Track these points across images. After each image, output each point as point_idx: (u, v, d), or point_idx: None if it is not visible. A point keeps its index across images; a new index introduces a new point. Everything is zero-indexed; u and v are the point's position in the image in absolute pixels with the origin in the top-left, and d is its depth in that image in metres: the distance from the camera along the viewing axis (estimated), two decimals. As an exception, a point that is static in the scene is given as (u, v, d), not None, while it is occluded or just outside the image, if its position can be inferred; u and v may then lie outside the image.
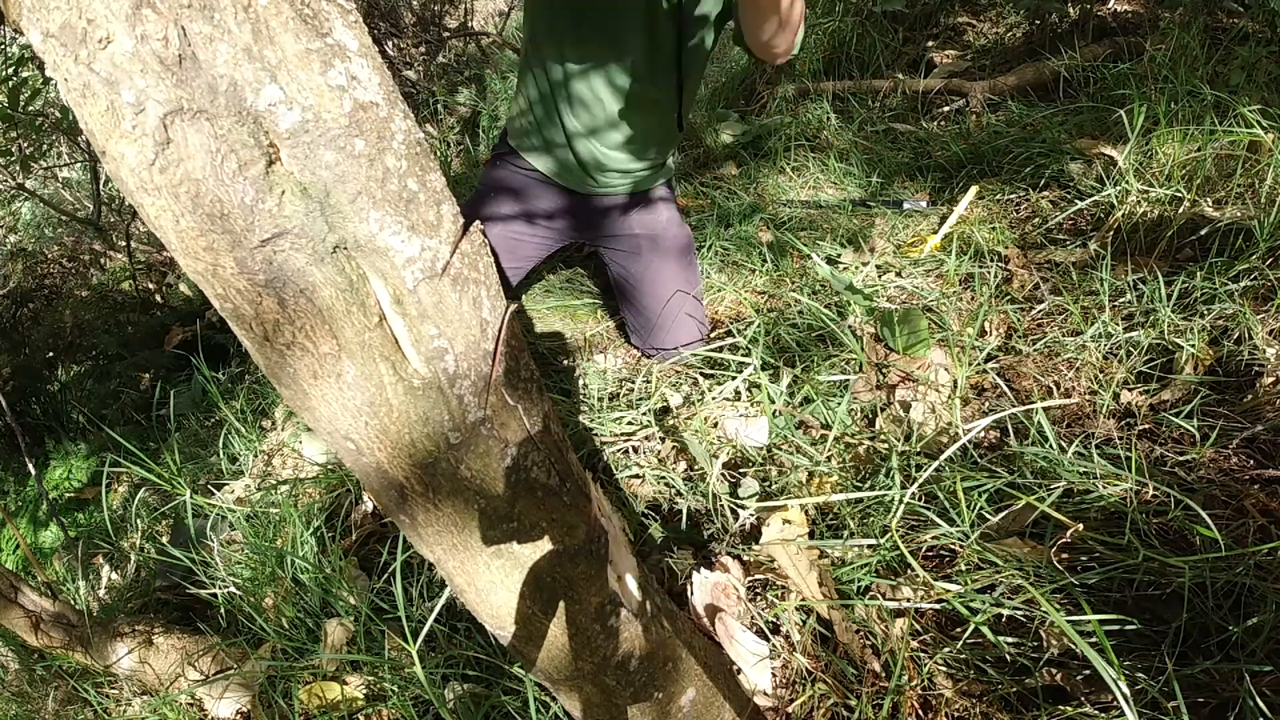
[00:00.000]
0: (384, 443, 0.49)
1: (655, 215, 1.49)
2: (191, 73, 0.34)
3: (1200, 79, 1.60)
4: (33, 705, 1.19)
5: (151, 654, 1.11)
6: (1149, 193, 1.45)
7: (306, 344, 0.44)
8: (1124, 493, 0.95)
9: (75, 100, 0.36)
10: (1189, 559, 0.84)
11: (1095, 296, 1.31)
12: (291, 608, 1.15)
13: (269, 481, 1.52)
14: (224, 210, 0.38)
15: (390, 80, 0.41)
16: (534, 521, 0.58)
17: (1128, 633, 0.84)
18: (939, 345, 1.32)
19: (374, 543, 1.28)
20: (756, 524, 1.08)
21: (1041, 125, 1.89)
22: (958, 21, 2.64)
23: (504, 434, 0.53)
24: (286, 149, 0.38)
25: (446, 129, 3.40)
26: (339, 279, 0.42)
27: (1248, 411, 1.05)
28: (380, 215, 0.42)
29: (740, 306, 1.64)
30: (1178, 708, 0.71)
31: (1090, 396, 1.16)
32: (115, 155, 0.36)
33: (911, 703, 0.84)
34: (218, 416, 1.83)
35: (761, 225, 1.89)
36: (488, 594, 0.61)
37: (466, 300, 0.48)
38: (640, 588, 0.71)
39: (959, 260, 1.49)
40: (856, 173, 2.08)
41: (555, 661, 0.66)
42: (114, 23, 0.33)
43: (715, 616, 0.95)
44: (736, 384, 1.32)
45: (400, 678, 0.99)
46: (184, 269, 0.41)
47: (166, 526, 1.59)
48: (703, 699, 0.77)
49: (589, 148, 1.34)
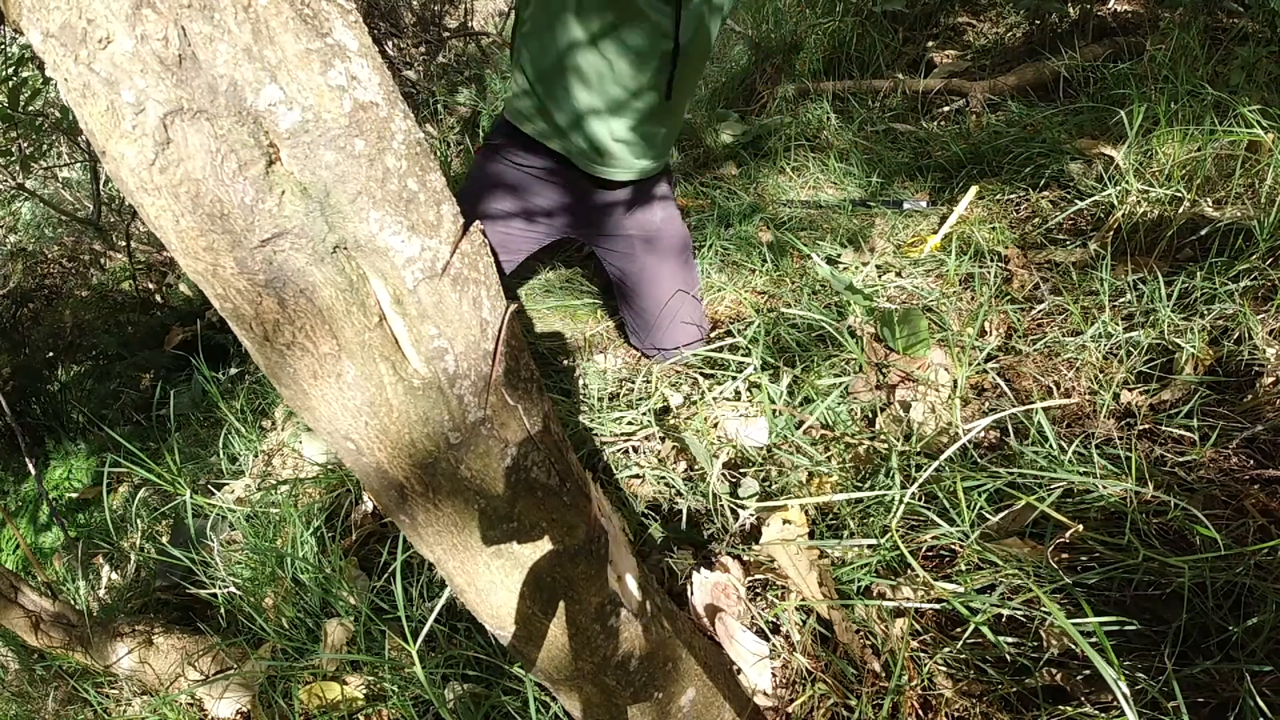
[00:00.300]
0: (384, 443, 0.49)
1: (651, 215, 1.47)
2: (191, 73, 0.34)
3: (1200, 79, 1.60)
4: (33, 705, 1.19)
5: (151, 654, 1.11)
6: (1149, 193, 1.45)
7: (306, 344, 0.44)
8: (1124, 493, 0.95)
9: (75, 100, 0.36)
10: (1189, 559, 0.84)
11: (1095, 296, 1.31)
12: (291, 608, 1.15)
13: (269, 481, 1.52)
14: (224, 210, 0.38)
15: (390, 80, 0.41)
16: (534, 521, 0.58)
17: (1128, 633, 0.84)
18: (939, 345, 1.32)
19: (374, 543, 1.28)
20: (756, 524, 1.08)
21: (1041, 125, 1.89)
22: (958, 21, 2.64)
23: (504, 434, 0.53)
24: (286, 149, 0.38)
25: (446, 129, 3.40)
26: (339, 279, 0.42)
27: (1248, 411, 1.05)
28: (380, 215, 0.42)
29: (740, 306, 1.64)
30: (1178, 708, 0.71)
31: (1090, 396, 1.16)
32: (115, 155, 0.36)
33: (911, 703, 0.84)
34: (218, 416, 1.83)
35: (761, 225, 1.89)
36: (488, 594, 0.61)
37: (466, 300, 0.48)
38: (640, 588, 0.71)
39: (959, 260, 1.49)
40: (856, 173, 2.07)
41: (555, 661, 0.66)
42: (114, 23, 0.33)
43: (715, 616, 0.95)
44: (736, 384, 1.32)
45: (400, 678, 0.99)
46: (184, 269, 0.41)
47: (166, 526, 1.59)
48: (703, 699, 0.77)
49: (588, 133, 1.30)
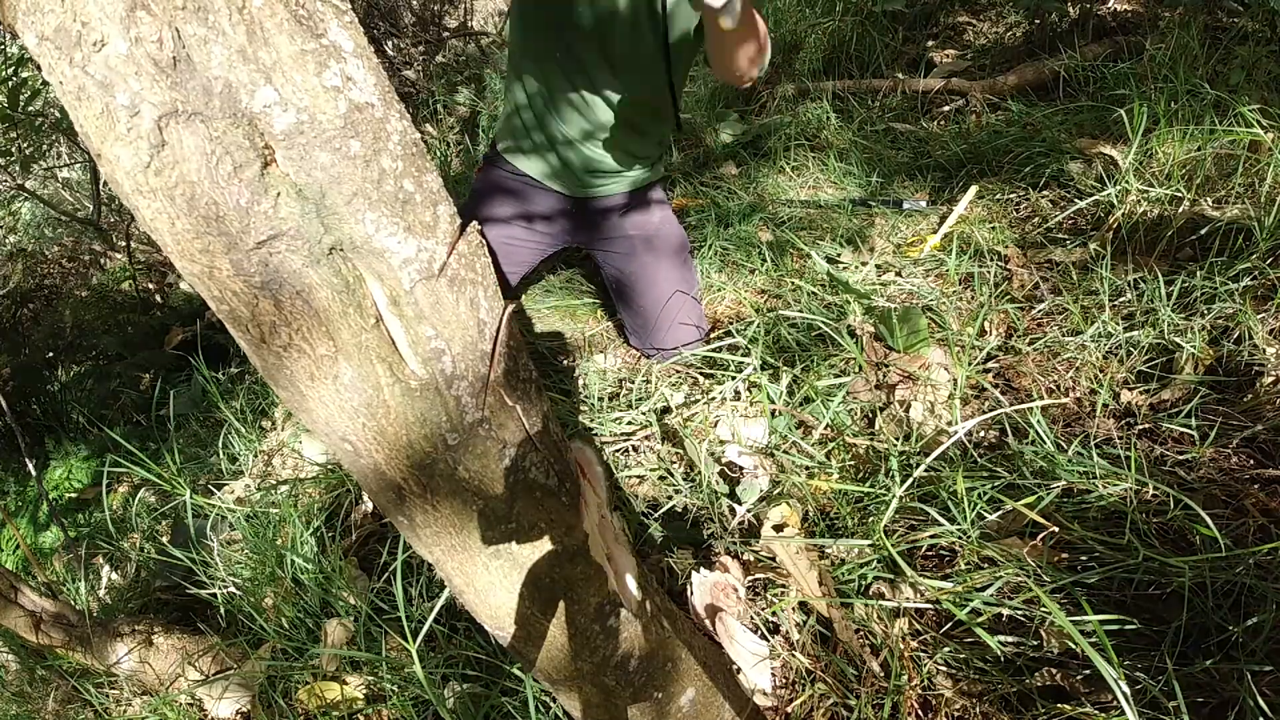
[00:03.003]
0: (381, 444, 0.49)
1: (649, 216, 1.50)
2: (186, 75, 0.34)
3: (1200, 78, 1.60)
4: (33, 705, 1.19)
5: (151, 654, 1.11)
6: (1149, 192, 1.44)
7: (303, 346, 0.44)
8: (1124, 493, 0.95)
9: (70, 103, 0.36)
10: (1189, 559, 0.84)
11: (1095, 296, 1.31)
12: (291, 608, 1.15)
13: (269, 481, 1.52)
14: (219, 212, 0.38)
15: (386, 80, 0.41)
16: (532, 522, 0.58)
17: (1128, 632, 0.84)
18: (939, 344, 1.32)
19: (374, 543, 1.28)
20: (756, 523, 1.08)
21: (1041, 125, 1.88)
22: (958, 21, 2.63)
23: (502, 435, 0.53)
24: (282, 150, 0.38)
25: (446, 129, 3.40)
26: (335, 280, 0.42)
27: (1248, 411, 1.05)
28: (376, 216, 0.42)
29: (740, 306, 1.64)
30: (1178, 707, 0.71)
31: (1090, 396, 1.16)
32: (111, 158, 0.36)
33: (911, 703, 0.84)
34: (217, 417, 1.83)
35: (761, 225, 1.89)
36: (486, 595, 0.61)
37: (464, 301, 0.48)
38: (640, 588, 0.71)
39: (959, 260, 1.49)
40: (856, 172, 2.07)
41: (554, 662, 0.66)
42: (108, 25, 0.33)
43: (715, 616, 0.95)
44: (736, 384, 1.32)
45: (400, 677, 0.99)
46: (180, 271, 0.41)
47: (166, 527, 1.59)
48: (702, 699, 0.77)
49: (580, 151, 1.35)
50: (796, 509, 1.07)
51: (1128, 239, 1.43)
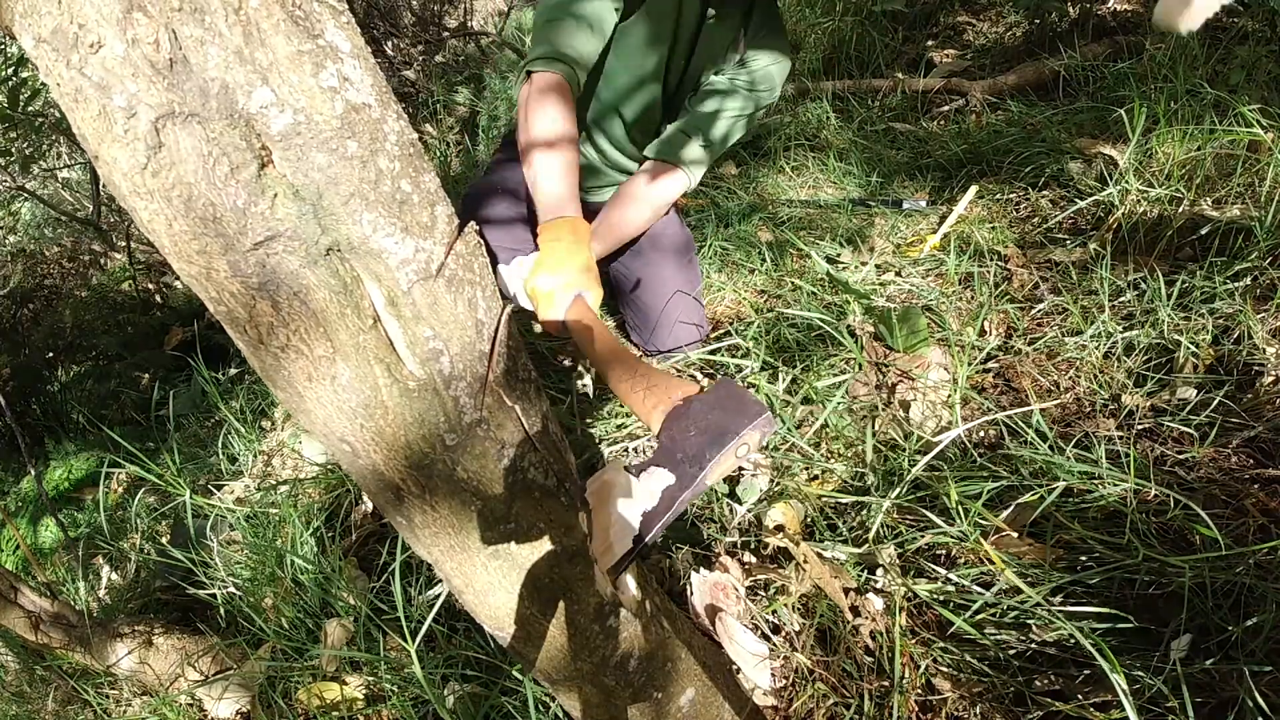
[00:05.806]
0: (380, 445, 0.49)
1: None
2: (183, 76, 0.34)
3: (1200, 78, 1.60)
4: (33, 705, 1.19)
5: (151, 654, 1.11)
6: (1149, 192, 1.44)
7: (301, 347, 0.44)
8: (1124, 493, 0.95)
9: (68, 105, 0.35)
10: (1189, 559, 0.83)
11: (1095, 296, 1.31)
12: (291, 608, 1.15)
13: (269, 482, 1.52)
14: (217, 214, 0.38)
15: (383, 81, 0.41)
16: (532, 522, 0.58)
17: (1127, 632, 0.83)
18: (939, 344, 1.32)
19: (374, 543, 1.28)
20: (756, 523, 1.08)
21: (1041, 125, 1.88)
22: (958, 21, 2.63)
23: (501, 435, 0.53)
24: (278, 151, 0.37)
25: (445, 129, 3.40)
26: (333, 281, 0.42)
27: (1248, 411, 1.05)
28: (374, 217, 0.42)
29: (740, 306, 1.64)
30: (1178, 707, 0.71)
31: (1090, 396, 1.16)
32: (108, 160, 0.36)
33: (911, 702, 0.84)
34: (217, 417, 1.83)
35: (761, 225, 1.89)
36: (486, 595, 0.61)
37: (462, 301, 0.47)
38: (639, 587, 0.71)
39: (959, 260, 1.49)
40: (856, 172, 2.07)
41: (554, 662, 0.66)
42: (105, 27, 0.33)
43: (715, 616, 0.95)
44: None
45: (400, 678, 0.99)
46: (178, 272, 0.41)
47: (166, 527, 1.59)
48: (702, 699, 0.77)
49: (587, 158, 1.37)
50: (796, 509, 1.07)
51: (1128, 239, 1.43)
